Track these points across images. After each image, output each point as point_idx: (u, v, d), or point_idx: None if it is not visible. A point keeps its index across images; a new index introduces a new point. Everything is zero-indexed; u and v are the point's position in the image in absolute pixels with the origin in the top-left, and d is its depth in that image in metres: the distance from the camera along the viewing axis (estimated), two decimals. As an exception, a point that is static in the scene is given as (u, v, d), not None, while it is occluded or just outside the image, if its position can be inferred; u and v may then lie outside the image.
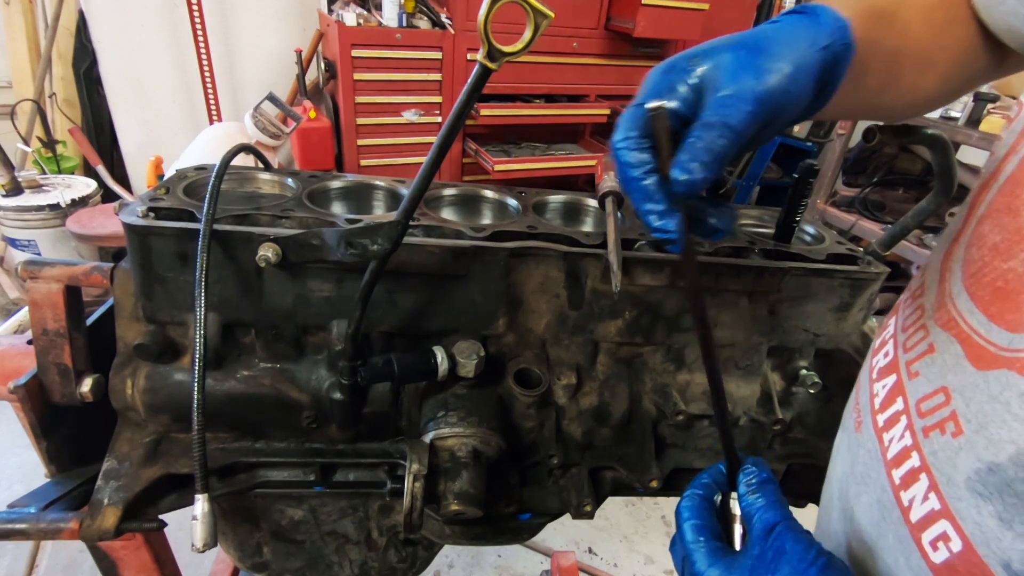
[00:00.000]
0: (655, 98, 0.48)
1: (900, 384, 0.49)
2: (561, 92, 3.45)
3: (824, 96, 0.51)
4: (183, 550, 0.79)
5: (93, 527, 0.73)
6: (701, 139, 0.46)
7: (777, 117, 0.48)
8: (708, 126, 0.46)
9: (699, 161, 0.46)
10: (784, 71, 0.46)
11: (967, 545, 0.38)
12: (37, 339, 0.76)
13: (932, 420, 0.44)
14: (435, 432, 0.73)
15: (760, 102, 0.46)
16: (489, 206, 0.99)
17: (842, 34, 0.48)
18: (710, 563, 0.49)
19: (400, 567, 0.96)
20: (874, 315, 0.93)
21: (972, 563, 0.38)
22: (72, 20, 3.23)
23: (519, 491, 0.85)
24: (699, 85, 0.48)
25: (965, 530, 0.39)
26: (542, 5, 0.49)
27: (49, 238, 2.73)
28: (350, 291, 0.76)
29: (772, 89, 0.46)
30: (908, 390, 0.48)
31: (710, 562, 0.49)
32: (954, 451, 0.41)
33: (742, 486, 0.53)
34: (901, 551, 0.45)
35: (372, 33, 2.86)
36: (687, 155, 0.46)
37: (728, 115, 0.46)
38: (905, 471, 0.45)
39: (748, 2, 3.92)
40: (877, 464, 0.50)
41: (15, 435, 2.33)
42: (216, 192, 0.68)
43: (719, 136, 0.46)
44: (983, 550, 0.37)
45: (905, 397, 0.48)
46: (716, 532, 0.52)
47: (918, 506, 0.43)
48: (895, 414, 0.49)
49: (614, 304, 0.83)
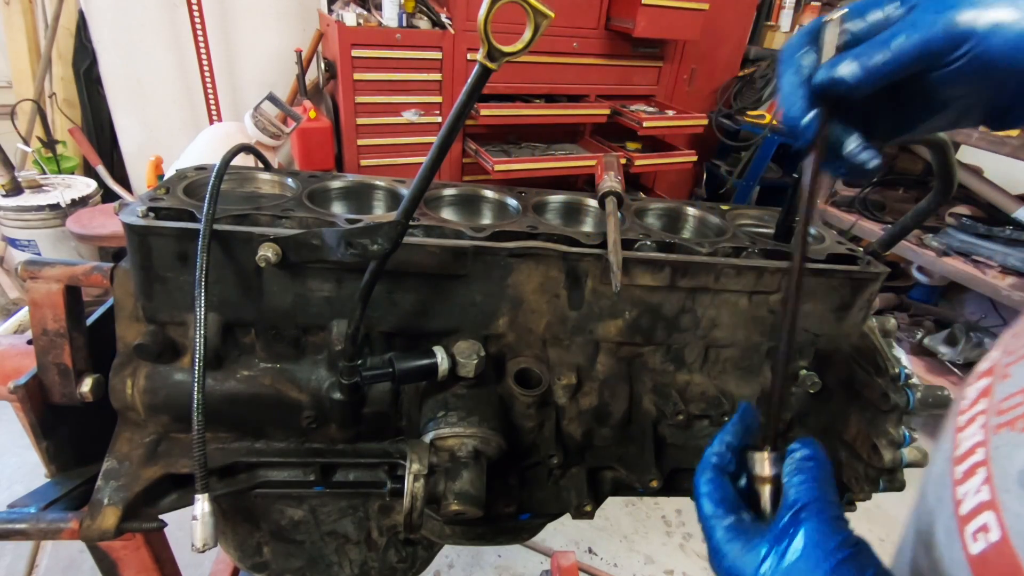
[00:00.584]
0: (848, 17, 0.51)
1: (990, 386, 0.49)
2: (561, 92, 3.45)
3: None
4: (183, 550, 0.79)
5: (93, 527, 0.73)
6: (859, 50, 0.48)
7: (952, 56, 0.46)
8: (872, 42, 0.48)
9: (847, 64, 0.48)
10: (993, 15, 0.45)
11: (1004, 536, 0.38)
12: (37, 339, 0.76)
13: (1006, 417, 0.43)
14: (435, 432, 0.73)
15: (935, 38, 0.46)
16: (489, 206, 0.99)
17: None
18: (728, 539, 0.48)
19: (400, 567, 0.96)
20: (874, 315, 0.93)
21: (1004, 554, 0.37)
22: (72, 20, 3.23)
23: (519, 491, 0.85)
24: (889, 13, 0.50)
25: (1005, 521, 0.38)
26: (542, 5, 0.49)
27: (49, 238, 2.74)
28: (350, 291, 0.76)
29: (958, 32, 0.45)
30: (995, 390, 0.47)
31: (728, 538, 0.48)
32: (1016, 445, 0.40)
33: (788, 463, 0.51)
34: (947, 544, 0.44)
35: (372, 33, 2.86)
36: (839, 58, 0.49)
37: (896, 36, 0.47)
38: (968, 466, 0.45)
39: (748, 2, 3.92)
40: (947, 463, 0.49)
41: (15, 435, 2.33)
42: (216, 192, 0.68)
43: (877, 51, 0.48)
44: (1017, 541, 0.37)
45: (990, 397, 0.47)
46: (735, 503, 0.51)
47: (970, 498, 0.42)
48: (976, 414, 0.47)
49: (614, 304, 0.83)
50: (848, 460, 0.93)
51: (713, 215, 0.98)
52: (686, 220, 1.02)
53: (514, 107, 3.14)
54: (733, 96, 4.15)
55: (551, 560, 1.72)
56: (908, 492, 0.94)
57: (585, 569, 2.05)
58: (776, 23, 4.28)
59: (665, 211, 1.01)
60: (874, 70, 0.48)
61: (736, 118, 4.03)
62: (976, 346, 3.01)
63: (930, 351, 3.11)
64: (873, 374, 0.87)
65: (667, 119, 3.40)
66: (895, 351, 0.88)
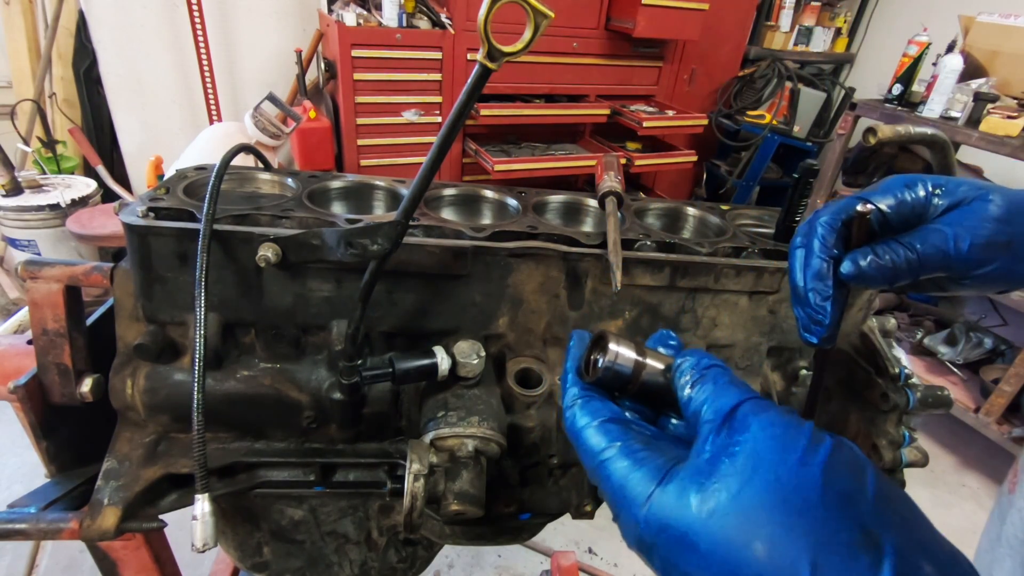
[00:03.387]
0: (883, 196, 0.52)
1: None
2: (561, 92, 3.45)
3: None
4: (183, 550, 0.79)
5: (93, 527, 0.73)
6: (885, 247, 0.50)
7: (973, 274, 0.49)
8: (898, 242, 0.50)
9: (874, 261, 0.49)
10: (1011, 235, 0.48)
11: None
12: (37, 339, 0.76)
13: None
14: (435, 432, 0.73)
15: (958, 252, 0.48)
16: (489, 206, 0.99)
17: None
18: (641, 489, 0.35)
19: (400, 567, 0.96)
20: (874, 315, 0.93)
21: None
22: (72, 20, 3.23)
23: (519, 491, 0.85)
24: (923, 204, 0.51)
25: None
26: (542, 5, 0.49)
27: (49, 238, 2.74)
28: (350, 291, 0.76)
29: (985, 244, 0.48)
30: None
31: (639, 481, 0.36)
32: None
33: (676, 380, 0.41)
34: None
35: (372, 33, 2.86)
36: (865, 254, 0.50)
37: (922, 240, 0.49)
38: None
39: (748, 2, 3.92)
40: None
41: (15, 435, 2.33)
42: (216, 192, 0.68)
43: (901, 253, 0.49)
44: None
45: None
46: (631, 429, 0.40)
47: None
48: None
49: (614, 304, 0.83)
50: (848, 460, 0.93)
51: (713, 215, 0.98)
52: (686, 220, 1.02)
53: (514, 107, 3.14)
54: (733, 96, 4.15)
55: (551, 560, 1.72)
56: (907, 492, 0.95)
57: (585, 569, 2.05)
58: (776, 23, 4.28)
59: (665, 211, 1.01)
60: (900, 271, 0.49)
61: (736, 118, 4.03)
62: (976, 346, 3.01)
63: (930, 351, 3.12)
64: (873, 374, 0.87)
65: (667, 119, 3.40)
66: (895, 351, 0.88)
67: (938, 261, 0.49)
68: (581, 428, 0.41)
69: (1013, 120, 2.65)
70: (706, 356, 0.42)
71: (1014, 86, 2.96)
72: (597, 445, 0.40)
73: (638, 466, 0.37)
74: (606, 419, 0.41)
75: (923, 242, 0.49)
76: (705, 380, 0.39)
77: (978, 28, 3.05)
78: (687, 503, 0.33)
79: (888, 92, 3.29)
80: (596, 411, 0.42)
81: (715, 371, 0.40)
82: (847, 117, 3.27)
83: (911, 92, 3.26)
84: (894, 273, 0.49)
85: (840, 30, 4.52)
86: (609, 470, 0.38)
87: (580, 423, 0.42)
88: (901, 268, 0.49)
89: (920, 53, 3.15)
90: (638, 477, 0.36)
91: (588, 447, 0.40)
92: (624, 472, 0.37)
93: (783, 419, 0.34)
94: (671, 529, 0.33)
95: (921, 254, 0.49)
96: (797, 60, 4.30)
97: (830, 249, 0.51)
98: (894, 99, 3.26)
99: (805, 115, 3.93)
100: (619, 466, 0.37)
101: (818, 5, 4.39)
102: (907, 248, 0.49)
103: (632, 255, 0.79)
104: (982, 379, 2.87)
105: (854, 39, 4.62)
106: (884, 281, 0.50)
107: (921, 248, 0.49)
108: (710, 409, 0.37)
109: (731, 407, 0.36)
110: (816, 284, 0.51)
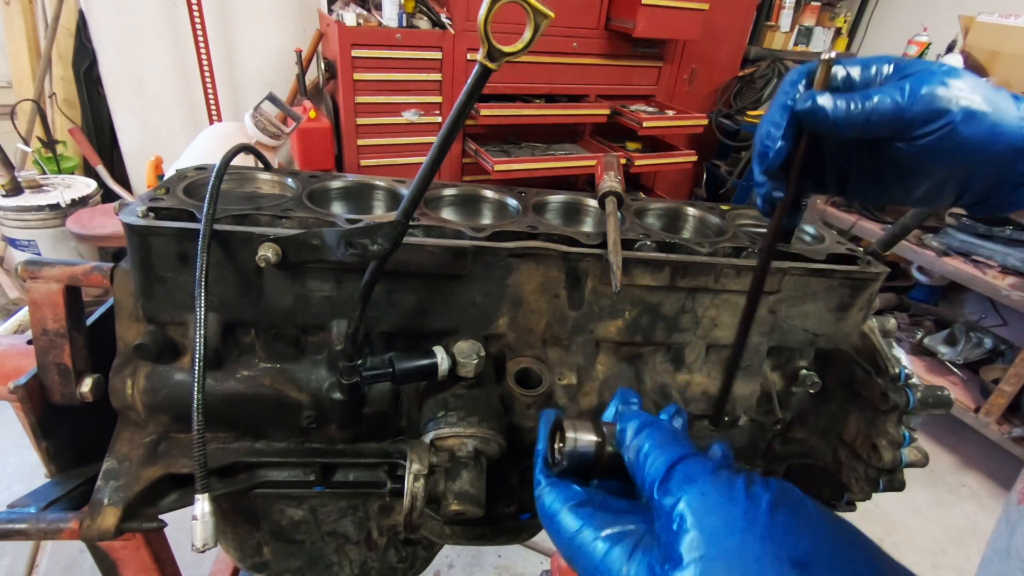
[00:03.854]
0: (850, 63, 0.54)
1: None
2: (561, 92, 3.45)
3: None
4: (183, 550, 0.79)
5: (93, 527, 0.73)
6: (842, 94, 0.51)
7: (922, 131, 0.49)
8: (855, 93, 0.51)
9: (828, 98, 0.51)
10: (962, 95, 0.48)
11: None
12: (37, 339, 0.76)
13: None
14: (435, 432, 0.73)
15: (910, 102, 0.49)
16: (489, 206, 0.99)
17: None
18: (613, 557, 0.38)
19: (400, 567, 0.96)
20: (874, 315, 0.93)
21: None
22: (72, 20, 3.23)
23: (519, 491, 0.85)
24: (887, 76, 0.53)
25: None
26: (542, 5, 0.49)
27: (49, 238, 2.74)
28: (350, 291, 0.76)
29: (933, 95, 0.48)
30: None
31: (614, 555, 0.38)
32: None
33: (622, 451, 0.43)
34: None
35: (372, 33, 2.86)
36: (823, 91, 0.52)
37: (877, 92, 0.50)
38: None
39: (748, 2, 3.92)
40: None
41: (15, 435, 2.33)
42: (216, 192, 0.68)
43: (857, 99, 0.50)
44: None
45: None
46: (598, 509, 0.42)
47: None
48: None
49: (614, 304, 0.83)
50: (848, 460, 0.93)
51: (713, 215, 0.98)
52: (686, 220, 1.02)
53: (514, 107, 3.14)
54: (733, 96, 4.15)
55: (551, 560, 1.71)
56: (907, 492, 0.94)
57: (585, 569, 2.05)
58: (776, 23, 4.28)
59: (665, 211, 1.01)
60: (853, 115, 0.50)
61: (736, 118, 4.03)
62: (976, 346, 3.01)
63: (930, 351, 3.12)
64: (873, 374, 0.87)
65: (667, 119, 3.40)
66: (895, 351, 0.88)
67: (889, 110, 0.49)
68: (552, 514, 0.43)
69: (1013, 120, 2.65)
70: (639, 417, 0.44)
71: (1014, 86, 2.96)
72: (568, 528, 0.41)
73: (607, 546, 0.39)
74: (575, 503, 0.43)
75: (878, 93, 0.50)
76: (641, 444, 0.41)
77: (978, 28, 3.05)
78: None
79: (888, 92, 3.28)
80: (566, 497, 0.44)
81: (648, 431, 0.42)
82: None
83: (911, 92, 3.25)
84: (847, 118, 0.50)
85: (840, 30, 4.52)
86: (581, 553, 0.40)
87: (551, 510, 0.43)
88: (854, 112, 0.50)
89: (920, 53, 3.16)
90: (609, 558, 0.38)
91: (560, 531, 0.42)
92: (593, 553, 0.39)
93: (716, 484, 0.36)
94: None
95: (874, 102, 0.50)
96: (797, 60, 4.30)
97: (791, 94, 0.54)
98: (894, 99, 3.25)
99: (805, 115, 3.92)
100: (589, 548, 0.39)
101: (818, 5, 4.39)
102: (861, 95, 0.51)
103: (632, 255, 0.79)
104: (982, 379, 2.87)
105: (854, 39, 4.62)
106: (836, 125, 0.51)
107: (875, 97, 0.50)
108: (647, 477, 0.40)
109: (664, 472, 0.38)
110: (772, 119, 0.54)
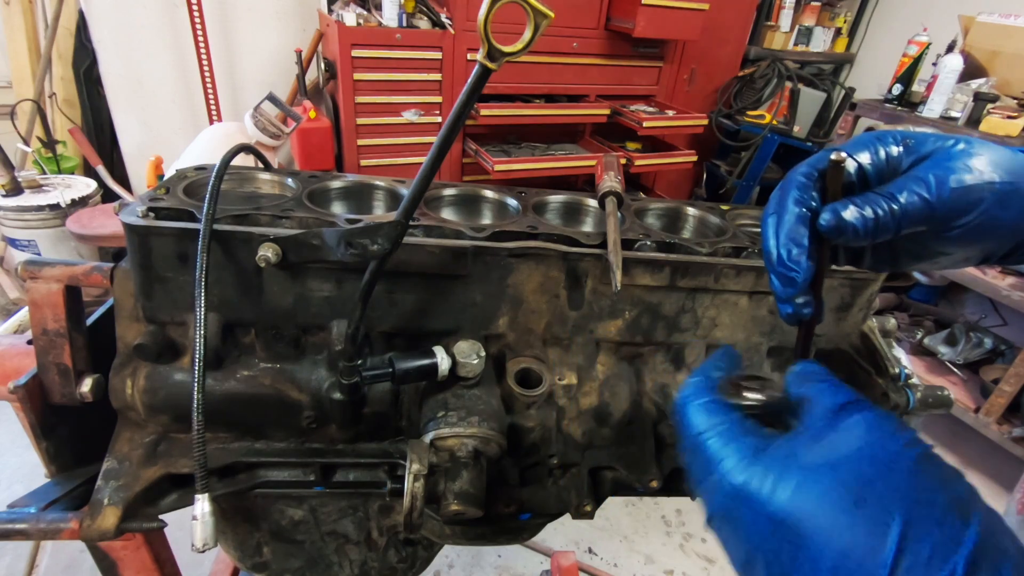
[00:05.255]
0: (856, 150, 0.50)
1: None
2: (561, 92, 3.45)
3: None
4: (183, 550, 0.79)
5: (93, 527, 0.73)
6: (864, 198, 0.47)
7: (957, 224, 0.47)
8: (877, 193, 0.47)
9: (854, 211, 0.46)
10: (991, 178, 0.45)
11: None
12: (37, 339, 0.76)
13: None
14: (435, 432, 0.73)
15: (940, 198, 0.45)
16: (489, 206, 0.99)
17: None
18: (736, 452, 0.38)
19: (400, 567, 0.96)
20: (874, 315, 0.93)
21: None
22: (72, 20, 3.23)
23: (519, 491, 0.85)
24: (898, 158, 0.49)
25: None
26: (542, 5, 0.49)
27: (49, 238, 2.74)
28: (350, 291, 0.76)
29: (966, 188, 0.45)
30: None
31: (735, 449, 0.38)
32: None
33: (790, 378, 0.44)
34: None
35: (372, 33, 2.86)
36: (845, 203, 0.47)
37: (901, 190, 0.46)
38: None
39: (748, 2, 3.92)
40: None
41: (15, 435, 2.33)
42: (216, 192, 0.68)
43: (882, 203, 0.46)
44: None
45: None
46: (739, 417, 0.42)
47: None
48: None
49: (614, 304, 0.83)
50: (848, 460, 0.93)
51: (713, 215, 0.98)
52: (686, 220, 1.02)
53: (514, 107, 3.14)
54: (733, 96, 4.15)
55: (551, 560, 1.72)
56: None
57: (585, 569, 2.06)
58: (776, 23, 4.28)
59: (665, 211, 1.01)
60: (883, 223, 0.47)
61: (736, 118, 4.03)
62: (976, 346, 3.01)
63: (930, 351, 3.12)
64: (873, 374, 0.87)
65: (667, 119, 3.40)
66: (895, 351, 0.88)
67: (920, 210, 0.46)
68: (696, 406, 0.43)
69: (1013, 120, 2.66)
70: (815, 363, 0.45)
71: (1014, 86, 2.96)
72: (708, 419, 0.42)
73: (744, 435, 0.40)
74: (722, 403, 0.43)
75: (903, 190, 0.46)
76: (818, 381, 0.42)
77: (978, 28, 3.05)
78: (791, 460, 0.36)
79: (888, 92, 3.29)
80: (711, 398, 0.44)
81: (824, 373, 0.43)
82: (847, 117, 3.27)
83: (911, 92, 3.26)
84: (876, 225, 0.46)
85: (840, 30, 4.52)
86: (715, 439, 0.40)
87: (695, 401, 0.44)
88: (884, 219, 0.46)
89: (920, 53, 3.16)
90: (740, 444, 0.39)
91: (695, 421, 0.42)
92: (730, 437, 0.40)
93: (889, 416, 0.37)
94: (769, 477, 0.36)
95: (903, 203, 0.46)
96: (797, 60, 4.30)
97: (807, 201, 0.48)
98: (894, 99, 3.26)
99: (805, 115, 3.93)
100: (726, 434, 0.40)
101: (818, 5, 4.39)
102: (887, 198, 0.46)
103: (632, 255, 0.79)
104: (982, 379, 2.87)
105: (854, 39, 4.62)
106: (865, 235, 0.46)
107: (902, 197, 0.46)
108: (822, 401, 0.40)
109: (844, 402, 0.39)
110: (792, 236, 0.48)
